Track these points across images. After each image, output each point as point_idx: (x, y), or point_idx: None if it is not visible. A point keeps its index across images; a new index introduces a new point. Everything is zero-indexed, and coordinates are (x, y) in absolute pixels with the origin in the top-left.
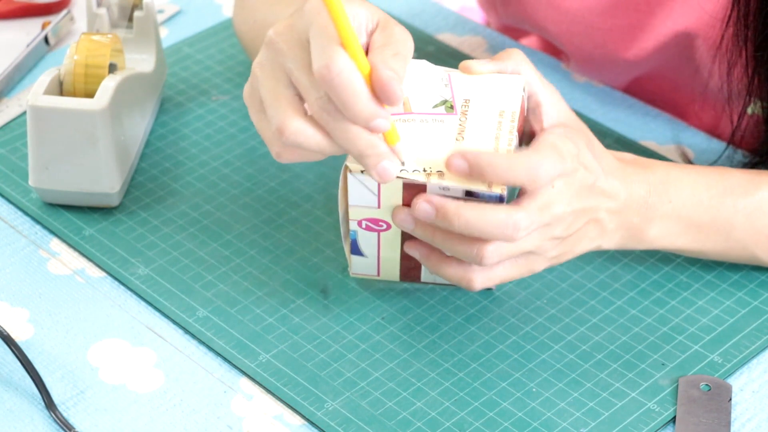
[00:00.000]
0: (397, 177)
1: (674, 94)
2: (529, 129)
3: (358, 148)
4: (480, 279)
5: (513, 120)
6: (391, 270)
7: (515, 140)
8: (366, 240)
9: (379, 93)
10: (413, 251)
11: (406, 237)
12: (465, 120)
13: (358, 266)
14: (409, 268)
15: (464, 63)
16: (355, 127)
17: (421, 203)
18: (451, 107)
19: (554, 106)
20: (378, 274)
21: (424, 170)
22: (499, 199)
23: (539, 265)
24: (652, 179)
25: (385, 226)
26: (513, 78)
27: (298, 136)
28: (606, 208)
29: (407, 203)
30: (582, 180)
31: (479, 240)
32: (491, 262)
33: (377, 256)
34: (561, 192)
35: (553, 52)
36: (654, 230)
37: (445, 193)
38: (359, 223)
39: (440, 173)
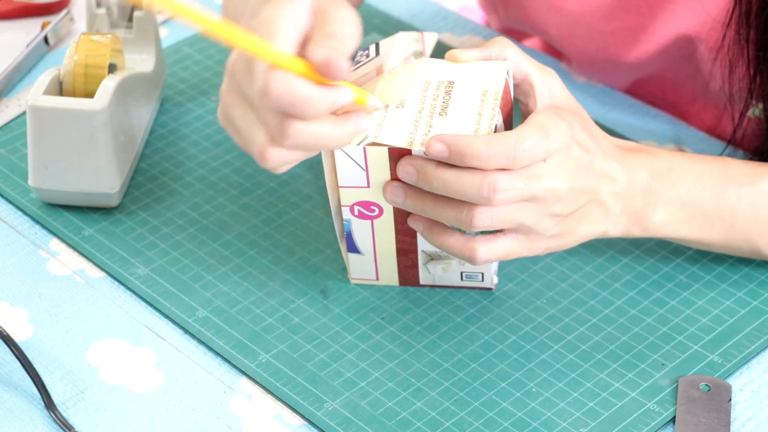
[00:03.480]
0: (381, 144)
1: (675, 96)
2: (525, 112)
3: (341, 141)
4: (482, 250)
5: (496, 99)
6: (389, 271)
7: (498, 118)
8: (361, 231)
9: (324, 76)
10: (415, 224)
11: (399, 227)
12: (449, 98)
13: (357, 268)
14: (407, 267)
15: (450, 52)
16: (323, 125)
17: (403, 164)
18: (421, 54)
19: (548, 88)
20: (377, 278)
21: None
22: None
23: (539, 243)
24: (656, 165)
25: (377, 211)
26: (497, 63)
27: (278, 158)
28: (609, 191)
29: (395, 176)
30: (578, 158)
31: (470, 208)
32: (480, 224)
33: (373, 253)
34: (555, 168)
35: (554, 54)
36: (658, 216)
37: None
38: (351, 210)
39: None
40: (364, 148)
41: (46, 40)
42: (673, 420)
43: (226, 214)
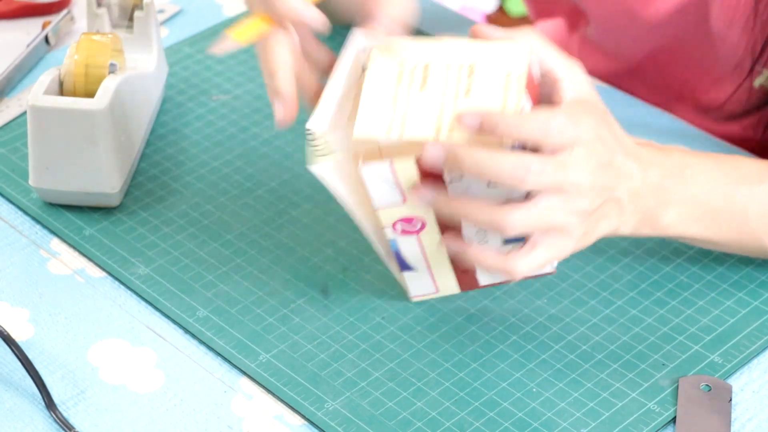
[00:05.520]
0: (406, 139)
1: (684, 71)
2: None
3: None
4: (521, 264)
5: (520, 81)
6: (447, 279)
7: (525, 100)
8: (408, 248)
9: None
10: (450, 244)
11: (445, 235)
12: (471, 81)
13: (414, 285)
14: (463, 272)
15: (475, 26)
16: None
17: (430, 146)
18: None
19: (573, 83)
20: (436, 290)
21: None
22: None
23: (568, 245)
24: (668, 163)
25: (420, 225)
26: (517, 45)
27: None
28: (626, 188)
29: (426, 175)
30: (600, 155)
31: (502, 208)
32: (514, 224)
33: (427, 267)
34: (580, 160)
35: (573, 15)
36: (669, 215)
37: None
38: (394, 228)
39: (450, 133)
40: (391, 165)
41: (46, 39)
42: (673, 420)
43: (226, 213)
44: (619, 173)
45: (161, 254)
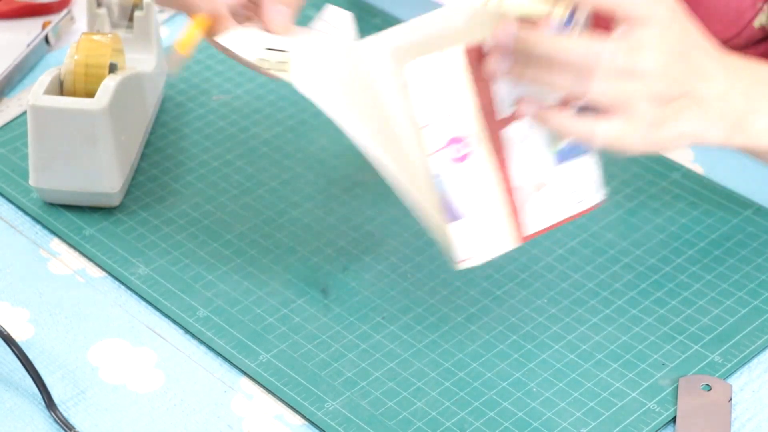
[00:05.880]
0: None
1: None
2: None
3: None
4: (599, 129)
5: None
6: (499, 226)
7: None
8: (458, 184)
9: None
10: (526, 108)
11: (497, 156)
12: None
13: (463, 244)
14: (514, 213)
15: None
16: None
17: (500, 30)
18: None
19: None
20: (487, 247)
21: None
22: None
23: (640, 128)
24: (757, 71)
25: (470, 148)
26: None
27: None
28: (707, 89)
29: (483, 92)
30: (676, 41)
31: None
32: (597, 87)
33: (478, 211)
34: (655, 39)
35: None
36: (761, 121)
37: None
38: (441, 156)
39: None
40: (443, 56)
41: (46, 39)
42: (673, 420)
43: (226, 213)
44: (696, 70)
45: (161, 254)
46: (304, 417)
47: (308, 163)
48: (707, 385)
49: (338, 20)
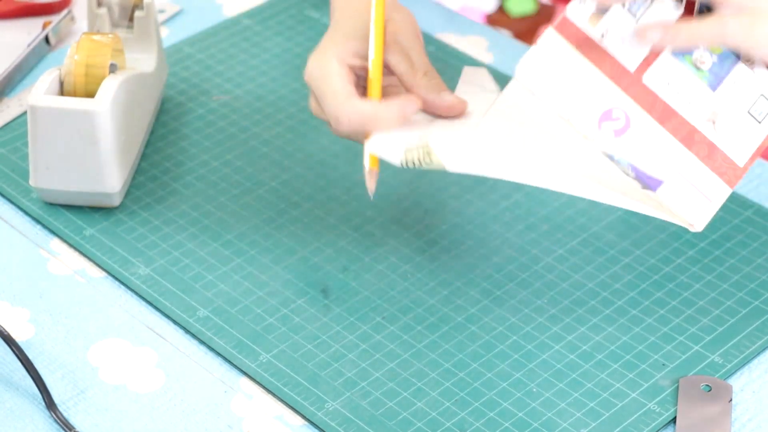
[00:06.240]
0: None
1: None
2: None
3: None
4: (731, 24)
5: None
6: (704, 173)
7: None
8: (635, 152)
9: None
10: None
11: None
12: None
13: (684, 207)
14: (709, 155)
15: None
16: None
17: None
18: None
19: None
20: (708, 199)
21: None
22: None
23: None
24: None
25: (624, 112)
26: None
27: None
28: None
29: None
30: None
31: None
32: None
33: (673, 167)
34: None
35: None
36: None
37: None
38: (601, 132)
39: None
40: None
41: (47, 39)
42: (673, 420)
43: (226, 213)
44: None
45: (161, 254)
46: (304, 417)
47: (308, 163)
48: (707, 385)
49: (478, 78)
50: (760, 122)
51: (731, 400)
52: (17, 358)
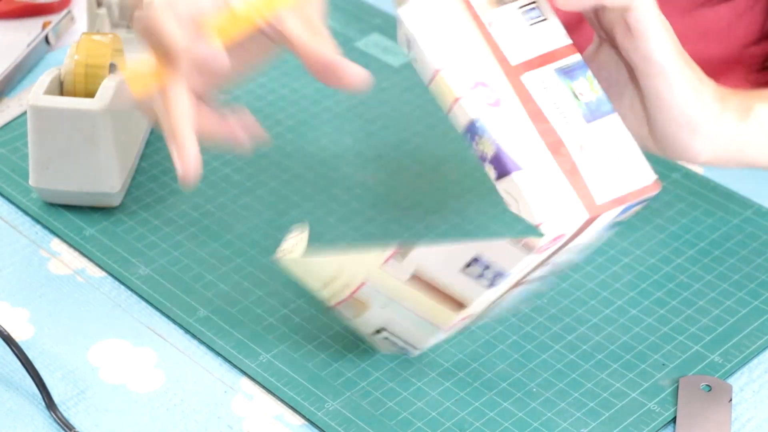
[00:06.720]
0: None
1: (725, 42)
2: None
3: None
4: None
5: None
6: (564, 186)
7: None
8: (501, 128)
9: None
10: None
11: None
12: None
13: (537, 203)
14: (572, 171)
15: None
16: None
17: None
18: None
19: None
20: (565, 212)
21: None
22: None
23: None
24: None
25: (499, 93)
26: None
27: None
28: None
29: None
30: None
31: None
32: None
33: (534, 162)
34: None
35: None
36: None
37: None
38: (472, 96)
39: None
40: None
41: (47, 39)
42: (673, 420)
43: (226, 213)
44: None
45: (161, 254)
46: (304, 417)
47: (308, 163)
48: (707, 385)
49: None
50: (627, 177)
51: (731, 399)
52: (17, 358)
